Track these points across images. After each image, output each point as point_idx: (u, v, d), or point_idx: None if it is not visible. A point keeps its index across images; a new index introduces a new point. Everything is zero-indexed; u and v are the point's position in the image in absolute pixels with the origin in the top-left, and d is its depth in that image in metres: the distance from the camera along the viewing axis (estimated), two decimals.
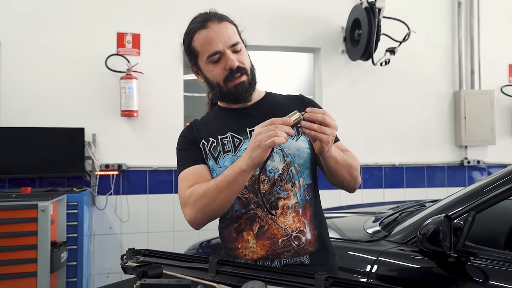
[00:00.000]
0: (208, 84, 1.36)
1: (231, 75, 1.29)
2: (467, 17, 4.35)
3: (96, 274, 3.60)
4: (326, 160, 1.23)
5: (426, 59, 4.26)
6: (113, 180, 3.64)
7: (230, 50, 1.29)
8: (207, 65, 1.31)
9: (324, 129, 1.12)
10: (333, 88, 4.08)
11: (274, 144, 1.10)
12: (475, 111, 4.19)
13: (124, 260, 1.12)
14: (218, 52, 1.28)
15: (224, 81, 1.30)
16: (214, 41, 1.27)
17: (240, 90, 1.31)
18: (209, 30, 1.28)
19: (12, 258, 2.62)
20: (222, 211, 1.27)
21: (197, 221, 1.27)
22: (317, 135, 1.13)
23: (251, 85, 1.34)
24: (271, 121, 1.14)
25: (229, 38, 1.29)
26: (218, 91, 1.33)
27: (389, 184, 4.16)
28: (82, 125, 3.53)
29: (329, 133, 1.13)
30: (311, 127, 1.12)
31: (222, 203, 1.22)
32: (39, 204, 2.66)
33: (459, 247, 1.39)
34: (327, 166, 1.26)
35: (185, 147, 1.37)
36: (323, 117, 1.13)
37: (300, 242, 1.27)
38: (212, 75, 1.32)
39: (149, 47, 3.75)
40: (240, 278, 0.96)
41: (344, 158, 1.27)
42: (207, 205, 1.22)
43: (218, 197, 1.21)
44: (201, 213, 1.24)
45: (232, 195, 1.22)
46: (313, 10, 4.03)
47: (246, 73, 1.32)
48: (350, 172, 1.29)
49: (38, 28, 3.58)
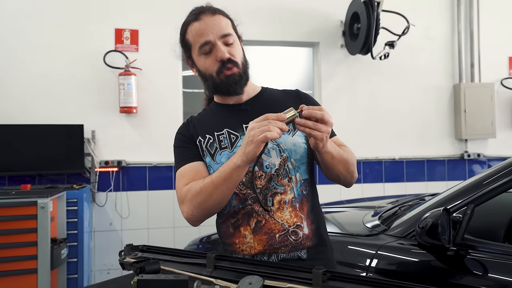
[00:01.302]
0: (202, 76, 1.36)
1: (223, 66, 1.29)
2: (466, 9, 4.33)
3: (96, 271, 3.61)
4: (322, 155, 1.23)
5: (426, 52, 4.24)
6: (113, 177, 3.64)
7: (221, 41, 1.28)
8: (199, 57, 1.32)
9: (319, 126, 1.12)
10: (332, 83, 4.07)
11: (267, 139, 1.10)
12: (475, 104, 4.18)
13: (122, 256, 1.12)
14: (209, 43, 1.28)
15: (217, 73, 1.30)
16: (205, 32, 1.28)
17: (231, 81, 1.30)
18: (201, 22, 1.29)
19: (12, 255, 2.63)
20: (219, 207, 1.27)
21: (195, 217, 1.28)
22: (312, 132, 1.13)
23: (242, 78, 1.33)
24: (265, 116, 1.13)
25: (221, 29, 1.29)
26: (211, 82, 1.33)
27: (389, 178, 4.16)
28: (81, 122, 3.53)
29: (323, 130, 1.12)
30: (306, 124, 1.12)
31: (218, 199, 1.23)
32: (38, 201, 2.67)
33: (458, 240, 1.39)
34: (323, 161, 1.26)
35: (182, 144, 1.37)
36: (321, 114, 1.12)
37: (297, 237, 1.27)
38: (204, 67, 1.32)
39: (147, 43, 3.74)
40: (238, 273, 0.96)
41: (340, 154, 1.26)
42: (203, 201, 1.23)
43: (214, 193, 1.21)
44: (198, 209, 1.25)
45: (228, 191, 1.22)
46: (311, 4, 4.01)
47: (237, 66, 1.31)
48: (346, 167, 1.29)
49: (36, 24, 3.57)
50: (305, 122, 1.12)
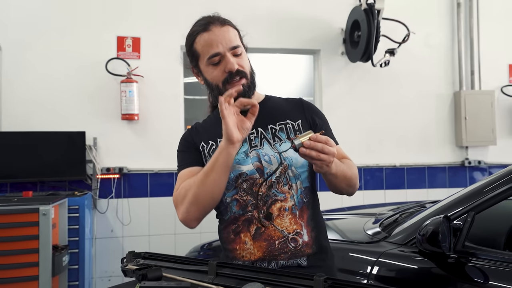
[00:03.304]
0: (208, 86, 1.37)
1: (230, 78, 1.30)
2: (466, 17, 4.35)
3: (98, 278, 3.61)
4: (326, 176, 1.25)
5: (426, 60, 4.26)
6: (114, 184, 3.65)
7: (230, 53, 1.30)
8: (207, 67, 1.33)
9: (322, 156, 1.13)
10: (333, 90, 4.08)
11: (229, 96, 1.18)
12: (475, 111, 4.19)
13: (124, 263, 1.13)
14: (218, 54, 1.29)
15: (223, 83, 1.31)
16: (215, 43, 1.29)
17: (239, 93, 1.31)
18: (211, 32, 1.30)
19: (14, 262, 2.63)
20: (213, 199, 1.25)
21: (190, 215, 1.26)
22: (314, 162, 1.15)
23: (250, 89, 1.34)
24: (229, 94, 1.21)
25: (230, 41, 1.30)
26: (217, 93, 1.34)
27: (390, 185, 4.16)
28: (83, 129, 3.54)
29: (326, 159, 1.13)
30: (310, 154, 1.13)
31: (210, 188, 1.22)
32: (40, 208, 2.67)
33: (458, 248, 1.39)
34: (326, 180, 1.28)
35: (184, 149, 1.39)
36: (322, 146, 1.13)
37: (296, 244, 1.28)
38: (211, 77, 1.33)
39: (149, 51, 3.76)
40: (239, 280, 0.97)
41: (343, 173, 1.27)
42: (197, 194, 1.22)
43: (206, 182, 1.21)
44: (192, 205, 1.24)
45: (219, 178, 1.21)
46: (312, 12, 4.04)
47: (246, 77, 1.33)
48: (348, 183, 1.31)
49: (39, 32, 3.60)
50: (309, 152, 1.13)
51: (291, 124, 1.36)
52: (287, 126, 1.36)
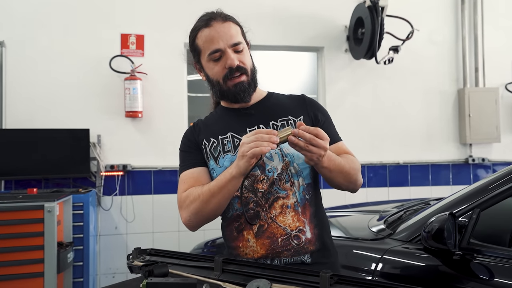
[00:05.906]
0: (209, 81, 1.38)
1: (230, 74, 1.31)
2: (470, 14, 4.34)
3: (102, 274, 3.62)
4: (319, 170, 1.25)
5: (430, 57, 4.25)
6: (118, 181, 3.66)
7: (231, 49, 1.30)
8: (208, 63, 1.33)
9: (310, 147, 1.13)
10: (337, 87, 4.08)
11: (254, 155, 1.12)
12: (479, 108, 4.18)
13: (130, 260, 1.13)
14: (219, 50, 1.29)
15: (224, 79, 1.32)
16: (216, 39, 1.29)
17: (239, 89, 1.32)
18: (212, 28, 1.30)
19: (19, 258, 2.64)
20: (214, 215, 1.30)
21: (192, 223, 1.31)
22: (303, 153, 1.16)
23: (250, 86, 1.35)
24: (256, 131, 1.16)
25: (231, 37, 1.30)
26: (218, 89, 1.35)
27: (394, 182, 4.16)
28: (87, 126, 3.55)
29: (315, 152, 1.14)
30: (298, 144, 1.14)
31: (214, 208, 1.26)
32: (45, 205, 2.68)
33: (463, 245, 1.39)
34: (321, 174, 1.28)
35: (186, 149, 1.40)
36: (310, 137, 1.13)
37: (299, 241, 1.27)
38: (212, 72, 1.34)
39: (152, 48, 3.77)
40: (245, 277, 0.97)
41: (339, 167, 1.26)
42: (200, 209, 1.26)
43: (211, 202, 1.24)
44: (195, 216, 1.28)
45: (224, 200, 1.25)
46: (316, 9, 4.03)
47: (246, 74, 1.33)
48: (346, 178, 1.30)
49: (42, 30, 3.61)
50: (297, 142, 1.14)
51: (293, 120, 1.36)
52: (288, 122, 1.36)
